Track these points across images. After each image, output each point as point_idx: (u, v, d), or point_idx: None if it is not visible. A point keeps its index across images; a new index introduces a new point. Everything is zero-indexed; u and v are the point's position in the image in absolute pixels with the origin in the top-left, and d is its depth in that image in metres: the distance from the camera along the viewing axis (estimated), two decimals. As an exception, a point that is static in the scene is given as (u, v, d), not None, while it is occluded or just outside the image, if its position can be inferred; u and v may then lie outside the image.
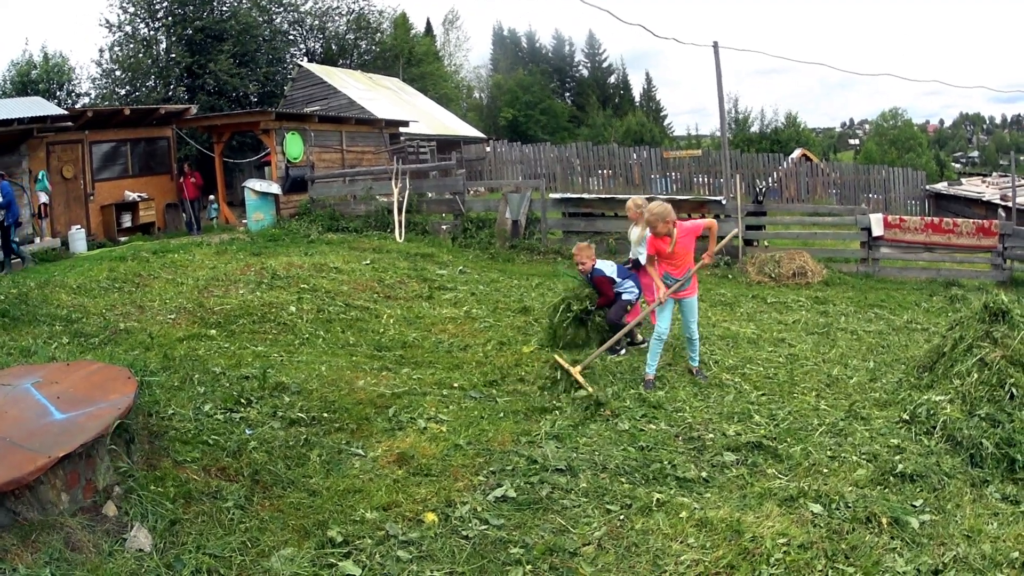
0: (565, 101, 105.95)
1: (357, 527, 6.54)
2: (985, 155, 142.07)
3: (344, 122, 34.32)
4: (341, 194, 27.74)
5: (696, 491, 7.52)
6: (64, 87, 50.87)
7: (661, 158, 45.81)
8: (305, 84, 47.30)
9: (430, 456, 8.20)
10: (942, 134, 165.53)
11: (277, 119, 29.34)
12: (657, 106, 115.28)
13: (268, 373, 10.28)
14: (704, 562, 6.02)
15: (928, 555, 6.27)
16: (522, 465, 7.95)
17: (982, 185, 44.10)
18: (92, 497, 6.33)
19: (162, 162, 30.49)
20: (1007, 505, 7.43)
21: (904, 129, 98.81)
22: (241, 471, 7.47)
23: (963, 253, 22.32)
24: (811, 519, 6.65)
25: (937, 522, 6.89)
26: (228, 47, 45.21)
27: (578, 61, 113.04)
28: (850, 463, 8.17)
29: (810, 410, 10.04)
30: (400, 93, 53.71)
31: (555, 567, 6.06)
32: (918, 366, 11.11)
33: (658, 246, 10.92)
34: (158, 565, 5.75)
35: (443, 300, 16.47)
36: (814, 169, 45.30)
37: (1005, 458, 8.19)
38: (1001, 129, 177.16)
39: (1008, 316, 9.91)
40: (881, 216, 22.56)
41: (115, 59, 47.36)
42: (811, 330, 14.89)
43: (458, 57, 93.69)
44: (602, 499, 7.24)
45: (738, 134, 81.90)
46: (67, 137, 25.96)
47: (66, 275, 16.54)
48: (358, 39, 63.50)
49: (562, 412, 9.68)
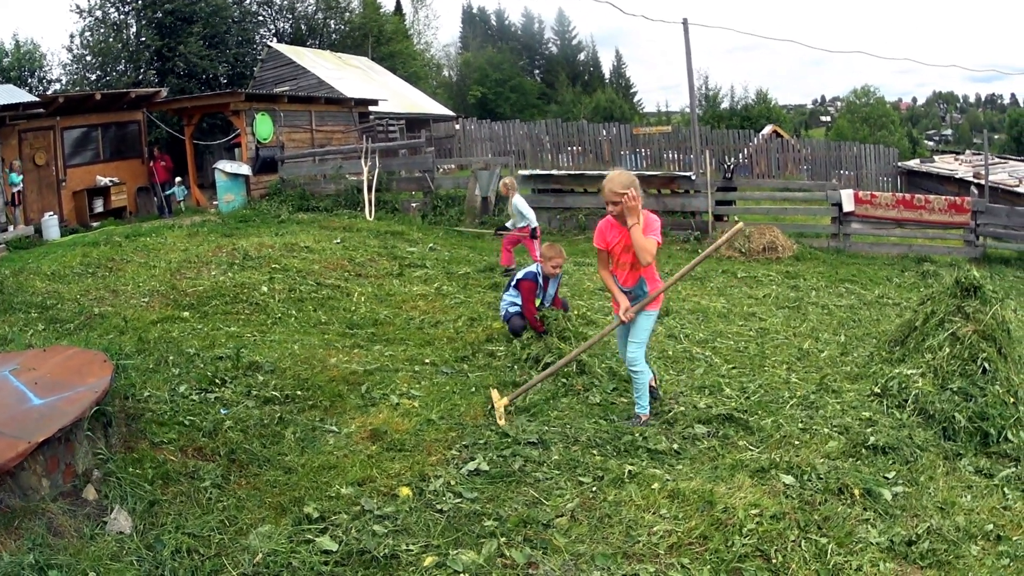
0: (535, 79, 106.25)
1: (333, 503, 6.52)
2: (959, 133, 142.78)
3: (314, 102, 34.32)
4: (311, 174, 27.77)
5: (668, 463, 7.51)
6: (36, 74, 50.72)
7: (631, 134, 45.85)
8: (274, 65, 47.26)
9: (403, 431, 8.19)
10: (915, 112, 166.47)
11: (247, 100, 29.28)
12: (627, 83, 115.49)
13: (241, 353, 10.21)
14: (677, 532, 6.00)
15: (901, 526, 6.27)
16: (494, 439, 7.94)
17: (955, 163, 44.36)
18: (72, 481, 6.30)
19: (133, 146, 30.40)
20: (980, 478, 7.46)
21: (876, 107, 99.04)
22: (217, 451, 7.45)
23: (935, 229, 22.41)
24: (783, 490, 6.62)
25: (910, 494, 6.90)
26: (198, 29, 45.14)
27: (548, 39, 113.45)
28: (822, 435, 8.16)
29: (781, 383, 10.07)
30: (369, 72, 53.69)
31: (529, 539, 6.04)
32: (889, 340, 11.11)
33: (608, 238, 8.46)
34: (139, 546, 5.73)
35: (413, 277, 16.44)
36: (785, 145, 45.37)
37: (978, 432, 8.23)
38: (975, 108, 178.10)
39: (980, 291, 9.88)
40: (852, 192, 22.64)
41: (86, 44, 47.29)
42: (782, 304, 14.96)
43: (427, 35, 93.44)
44: (574, 471, 7.24)
45: (708, 111, 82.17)
46: (39, 124, 25.88)
47: (40, 262, 16.52)
48: (327, 18, 63.47)
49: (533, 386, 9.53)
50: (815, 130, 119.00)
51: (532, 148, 45.14)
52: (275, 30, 59.75)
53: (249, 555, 5.69)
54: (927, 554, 5.87)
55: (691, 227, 22.75)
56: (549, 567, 5.66)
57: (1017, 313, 14.71)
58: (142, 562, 5.56)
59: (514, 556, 5.76)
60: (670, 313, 13.60)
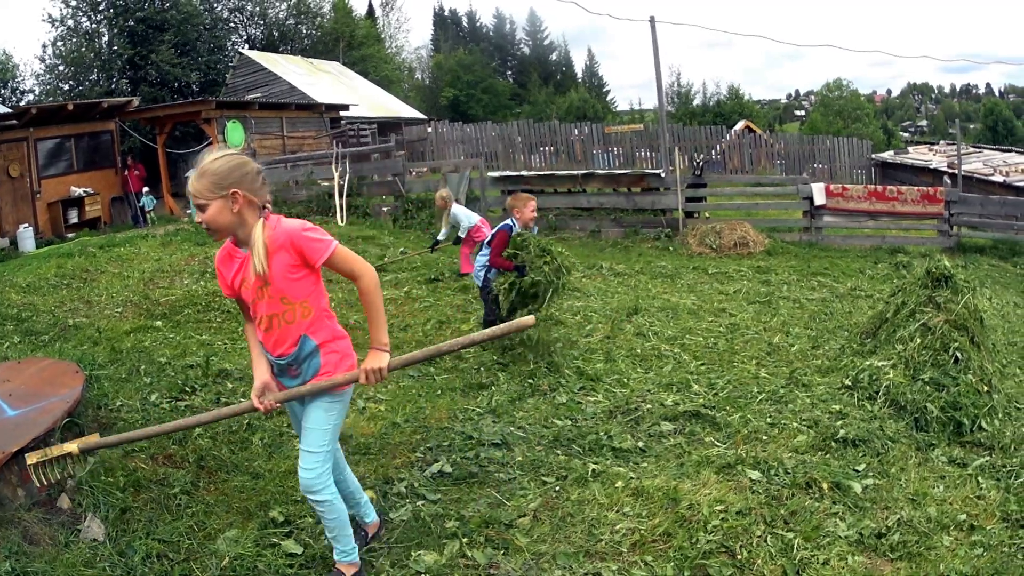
0: (507, 79, 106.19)
1: (298, 507, 6.52)
2: (934, 124, 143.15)
3: (285, 108, 34.45)
4: (283, 180, 27.54)
5: (632, 461, 7.44)
6: (8, 85, 50.80)
7: (603, 133, 46.07)
8: (246, 71, 47.14)
9: (368, 435, 8.22)
10: (889, 104, 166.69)
11: (217, 108, 29.56)
12: (600, 82, 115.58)
13: (211, 361, 10.27)
14: (640, 530, 5.96)
15: (871, 519, 6.19)
16: (458, 441, 7.94)
17: (929, 153, 44.49)
18: (47, 491, 6.33)
19: (106, 156, 30.32)
20: (953, 468, 7.38)
21: (850, 99, 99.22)
22: (187, 457, 7.45)
23: (909, 220, 22.45)
24: (749, 486, 6.56)
25: (881, 486, 6.82)
26: (169, 37, 45.10)
27: (520, 39, 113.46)
28: (790, 429, 8.09)
29: (750, 378, 9.97)
30: (340, 77, 53.65)
31: (491, 539, 6.03)
32: (861, 332, 11.12)
33: (229, 278, 5.11)
34: (111, 553, 5.76)
35: (384, 281, 16.24)
36: (757, 140, 45.59)
37: (951, 421, 8.15)
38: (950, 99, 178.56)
39: (951, 281, 9.91)
40: (823, 185, 22.69)
41: (58, 54, 47.22)
42: (752, 299, 14.90)
43: (399, 39, 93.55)
44: (537, 471, 7.20)
45: (680, 108, 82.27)
46: (12, 135, 25.94)
47: (15, 274, 16.51)
48: (299, 24, 63.36)
49: (499, 387, 9.62)
50: (790, 124, 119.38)
51: (504, 149, 45.21)
52: (247, 36, 59.67)
53: (217, 559, 5.75)
54: (897, 546, 5.80)
55: (662, 224, 22.73)
56: (510, 567, 5.64)
57: (992, 301, 14.76)
58: (115, 568, 5.61)
59: (475, 556, 5.75)
60: (639, 311, 13.52)
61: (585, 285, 15.89)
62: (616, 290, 15.12)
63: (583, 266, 17.86)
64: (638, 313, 13.42)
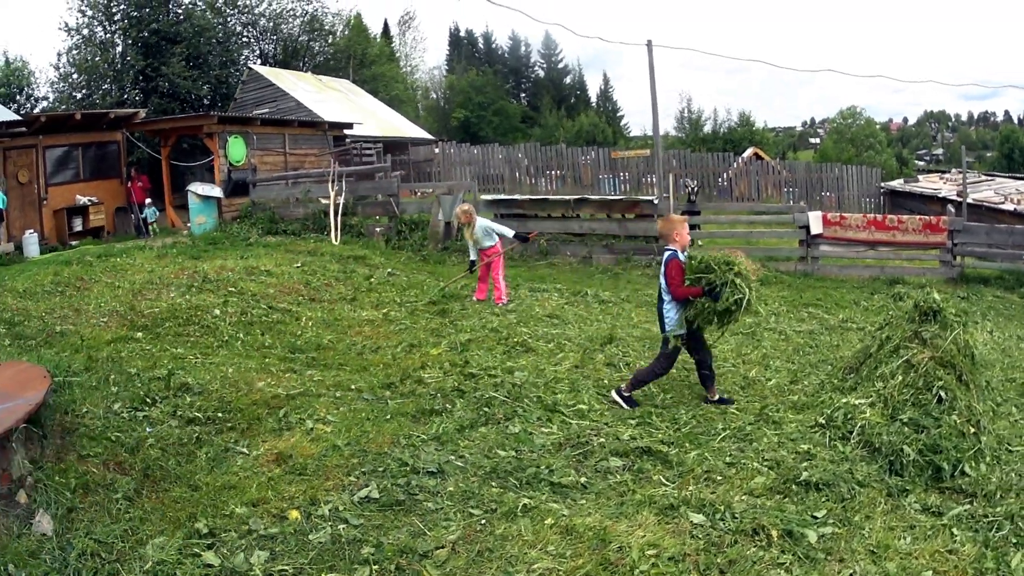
0: (521, 102, 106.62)
1: (225, 520, 6.84)
2: (950, 152, 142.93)
3: (287, 125, 34.44)
4: (282, 197, 27.95)
5: (571, 497, 7.24)
6: (24, 91, 51.47)
7: (610, 158, 45.92)
8: (255, 87, 47.22)
9: (308, 456, 8.34)
10: (906, 132, 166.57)
11: (220, 123, 29.72)
12: (614, 106, 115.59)
13: (175, 374, 10.52)
14: (559, 571, 5.80)
15: (821, 572, 5.89)
16: (393, 467, 7.95)
17: (939, 182, 44.23)
18: (8, 486, 6.96)
19: (112, 166, 30.44)
20: (927, 517, 6.97)
21: (864, 127, 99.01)
22: (135, 466, 7.98)
23: (911, 250, 22.14)
24: (689, 530, 6.31)
25: (840, 535, 6.45)
26: (181, 50, 45.43)
27: (534, 62, 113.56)
28: (749, 470, 7.77)
29: (717, 414, 9.69)
30: (349, 95, 53.64)
31: (401, 568, 6.05)
32: (844, 367, 10.73)
33: None
34: (55, 547, 6.34)
35: (366, 302, 16.47)
36: (765, 168, 45.32)
37: (929, 466, 7.78)
38: (967, 126, 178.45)
39: (940, 315, 9.49)
40: (820, 214, 22.50)
41: (72, 63, 47.57)
42: (735, 331, 14.46)
43: (414, 58, 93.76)
44: (467, 502, 7.12)
45: (691, 134, 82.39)
46: (22, 142, 26.27)
47: (15, 280, 16.76)
48: (311, 41, 63.43)
49: (451, 414, 9.47)
50: (803, 152, 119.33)
51: (511, 172, 45.12)
52: (259, 51, 59.73)
53: (141, 563, 6.16)
54: (846, 606, 5.46)
55: (654, 252, 22.38)
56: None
57: (993, 335, 14.48)
58: (54, 561, 6.16)
59: (383, 586, 5.74)
60: (613, 340, 13.31)
61: (565, 312, 15.71)
62: (596, 318, 14.94)
63: (568, 292, 17.82)
64: (612, 342, 13.19)
